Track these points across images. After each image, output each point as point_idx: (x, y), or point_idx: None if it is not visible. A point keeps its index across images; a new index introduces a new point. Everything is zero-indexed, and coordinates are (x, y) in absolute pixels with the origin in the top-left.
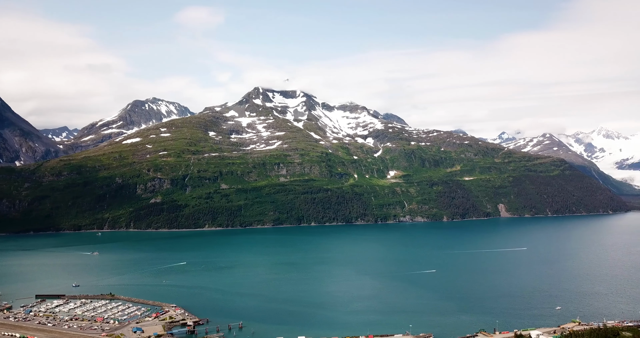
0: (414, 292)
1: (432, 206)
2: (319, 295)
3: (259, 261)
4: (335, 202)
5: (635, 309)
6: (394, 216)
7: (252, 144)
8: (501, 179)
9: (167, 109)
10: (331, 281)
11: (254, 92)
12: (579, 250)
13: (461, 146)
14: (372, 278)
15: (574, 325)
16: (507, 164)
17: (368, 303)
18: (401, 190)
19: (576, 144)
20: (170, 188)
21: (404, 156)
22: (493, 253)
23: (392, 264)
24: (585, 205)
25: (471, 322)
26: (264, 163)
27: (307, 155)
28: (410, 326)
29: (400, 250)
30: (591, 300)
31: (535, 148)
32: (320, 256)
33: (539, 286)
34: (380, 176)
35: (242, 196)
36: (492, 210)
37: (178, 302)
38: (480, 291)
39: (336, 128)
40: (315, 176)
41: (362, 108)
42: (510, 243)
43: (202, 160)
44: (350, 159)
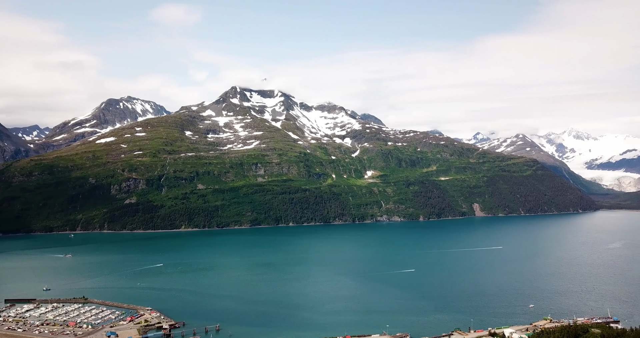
0: (391, 292)
1: (409, 206)
2: (296, 296)
3: (236, 263)
4: (313, 202)
5: (604, 306)
6: (372, 216)
7: (229, 144)
8: (476, 179)
9: (142, 108)
10: (309, 282)
11: (232, 91)
12: (551, 248)
13: (437, 146)
14: (350, 278)
15: (545, 322)
16: (481, 164)
17: (346, 304)
18: (378, 190)
19: (548, 145)
20: (145, 188)
21: (381, 156)
22: (471, 252)
23: (370, 264)
24: (556, 204)
25: (447, 321)
26: (242, 163)
27: (285, 155)
28: (387, 326)
29: (378, 249)
30: (562, 298)
31: (509, 149)
32: (298, 256)
33: (513, 284)
34: (358, 176)
35: (219, 197)
36: (467, 210)
37: (154, 304)
38: (457, 290)
39: (314, 128)
40: (293, 176)
41: (340, 108)
42: (486, 242)
43: (178, 160)
44: (329, 159)
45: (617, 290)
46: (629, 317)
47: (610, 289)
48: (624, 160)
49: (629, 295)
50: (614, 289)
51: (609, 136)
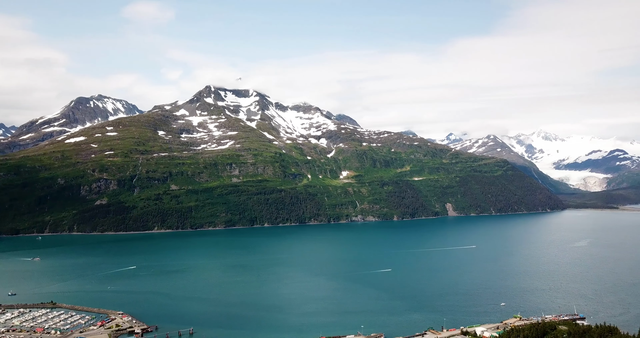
0: (367, 292)
1: (383, 206)
2: (271, 297)
3: (210, 264)
4: (288, 203)
5: (570, 303)
6: (347, 216)
7: (203, 143)
8: (449, 180)
9: (113, 107)
10: (284, 283)
11: (206, 90)
12: (521, 247)
13: (411, 147)
14: (326, 279)
15: (515, 320)
16: (454, 164)
17: (321, 305)
18: (353, 190)
19: (518, 145)
20: (117, 189)
21: (356, 156)
22: (446, 251)
23: (346, 264)
24: (525, 204)
25: (420, 320)
26: (216, 163)
27: (260, 155)
28: (362, 327)
29: (354, 249)
30: (531, 296)
31: (481, 149)
32: (273, 257)
33: (485, 283)
34: (333, 176)
35: (192, 198)
36: (440, 209)
37: (125, 308)
38: (431, 289)
39: (290, 128)
40: (268, 177)
41: (315, 109)
42: (461, 241)
43: (151, 160)
44: (304, 159)
45: (583, 287)
46: (594, 313)
47: (576, 287)
48: (589, 161)
49: (594, 292)
50: (580, 287)
51: (576, 137)
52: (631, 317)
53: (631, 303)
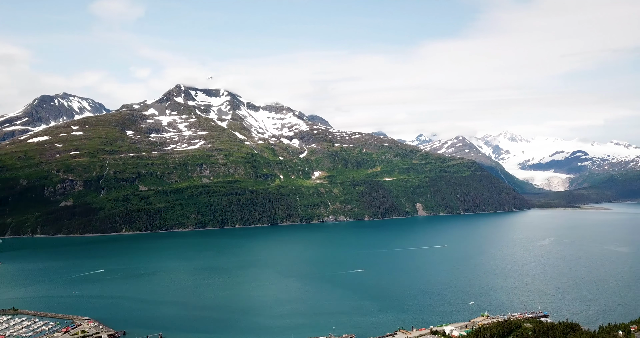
0: (339, 293)
1: (355, 206)
2: (243, 299)
3: (180, 267)
4: (260, 203)
5: (535, 301)
6: (319, 217)
7: (173, 143)
8: (418, 180)
9: (79, 105)
10: (256, 285)
11: (176, 89)
12: (489, 246)
13: (382, 148)
14: (298, 280)
15: (482, 318)
16: (424, 165)
17: (294, 306)
18: (325, 191)
19: (485, 146)
20: (83, 190)
21: (328, 157)
22: (419, 251)
23: (319, 265)
24: (492, 204)
25: (391, 320)
26: (186, 163)
27: (231, 156)
28: (333, 328)
29: (327, 250)
30: (498, 294)
31: (450, 150)
32: (245, 259)
33: (454, 282)
34: (306, 177)
35: (162, 199)
36: (411, 209)
37: (92, 313)
38: (402, 289)
39: (262, 128)
40: (240, 177)
41: (287, 109)
42: (433, 241)
43: (118, 160)
44: (276, 160)
45: (547, 285)
46: (557, 310)
47: (540, 284)
48: (553, 161)
49: (557, 289)
50: (544, 284)
51: (540, 138)
52: (591, 313)
53: (591, 300)
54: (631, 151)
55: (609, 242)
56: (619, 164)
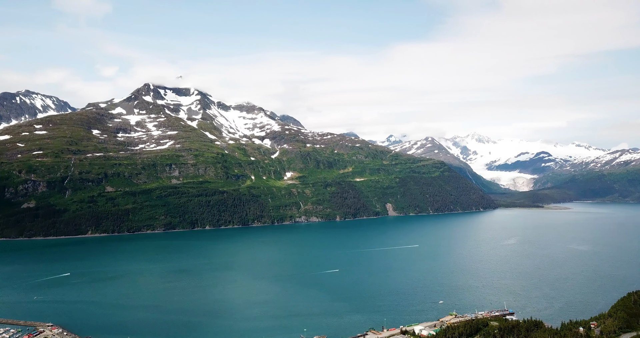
0: (310, 294)
1: (326, 207)
2: (213, 302)
3: (149, 270)
4: (231, 204)
5: (501, 300)
6: (290, 217)
7: (141, 143)
8: (389, 180)
9: (43, 103)
10: (227, 287)
11: (144, 88)
12: (457, 246)
13: (353, 148)
14: (270, 282)
15: (451, 317)
16: (394, 166)
17: (265, 309)
18: (297, 191)
19: (454, 147)
20: (46, 191)
21: (300, 157)
22: (391, 250)
23: (290, 266)
24: (460, 204)
25: (362, 321)
26: (155, 163)
27: (201, 156)
28: (304, 330)
29: (299, 251)
30: (466, 293)
31: (419, 151)
32: (215, 261)
33: (423, 282)
34: (277, 177)
35: (129, 200)
36: (381, 209)
37: (56, 319)
38: (373, 289)
39: (232, 128)
40: (210, 178)
41: (259, 109)
42: (405, 241)
43: (84, 161)
44: (248, 160)
45: (512, 283)
46: (522, 308)
47: (506, 283)
48: (518, 162)
49: (522, 288)
50: (510, 283)
51: (506, 139)
52: (554, 310)
53: (554, 298)
54: (591, 152)
55: (571, 241)
56: (580, 165)
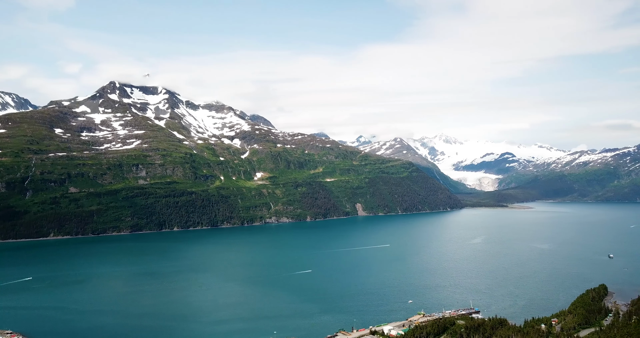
0: (281, 296)
1: (297, 207)
2: (182, 306)
3: (114, 273)
4: (200, 205)
5: (467, 298)
6: (261, 218)
7: (106, 143)
8: (358, 181)
9: (1, 100)
10: (195, 290)
11: (110, 86)
12: (426, 245)
13: (323, 149)
14: (239, 284)
15: (419, 316)
16: (364, 166)
17: (234, 311)
18: (267, 192)
19: (422, 148)
20: (5, 192)
21: (271, 157)
22: (364, 250)
23: (261, 267)
24: (428, 203)
25: (332, 322)
26: (121, 163)
27: (169, 156)
28: (274, 332)
29: (270, 252)
30: (433, 292)
31: (388, 151)
32: (184, 263)
33: (392, 281)
34: (247, 177)
35: (94, 201)
36: (351, 209)
37: (15, 326)
38: (343, 290)
39: (201, 127)
40: (178, 178)
41: (228, 108)
42: (376, 240)
43: (46, 161)
44: (217, 160)
45: (478, 282)
46: (487, 306)
47: (472, 282)
48: (484, 163)
49: (487, 286)
50: (476, 282)
51: (472, 140)
52: (518, 308)
53: (518, 296)
54: (553, 153)
55: (533, 240)
56: (542, 165)
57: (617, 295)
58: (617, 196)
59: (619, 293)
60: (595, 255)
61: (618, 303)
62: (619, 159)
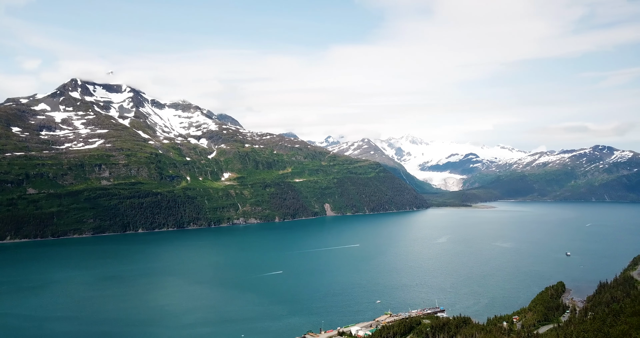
0: (249, 298)
1: (265, 208)
2: (146, 310)
3: (76, 277)
4: (166, 206)
5: (433, 297)
6: (228, 219)
7: (67, 142)
8: (327, 181)
9: None
10: (161, 294)
11: (71, 84)
12: (393, 245)
13: (292, 149)
14: (206, 286)
15: (386, 316)
16: (332, 167)
17: (201, 315)
18: (235, 192)
19: (389, 148)
20: None
21: (239, 158)
22: (334, 250)
23: (228, 269)
24: (395, 203)
25: (300, 323)
26: (83, 164)
27: (134, 156)
28: (242, 336)
29: (237, 253)
30: (400, 292)
31: (356, 152)
32: (149, 266)
33: (360, 281)
34: (215, 178)
35: (54, 202)
36: (319, 209)
37: None
38: (312, 291)
39: (167, 127)
40: (143, 179)
41: (195, 108)
42: (346, 240)
43: (2, 161)
44: (183, 160)
45: (443, 281)
46: (452, 305)
47: (437, 281)
48: (449, 163)
49: (452, 285)
50: (441, 281)
51: (438, 141)
52: (481, 306)
53: (481, 294)
54: (514, 154)
55: (495, 239)
56: (504, 166)
57: (574, 292)
58: (574, 196)
59: (575, 290)
60: (553, 253)
61: (575, 299)
62: (575, 160)
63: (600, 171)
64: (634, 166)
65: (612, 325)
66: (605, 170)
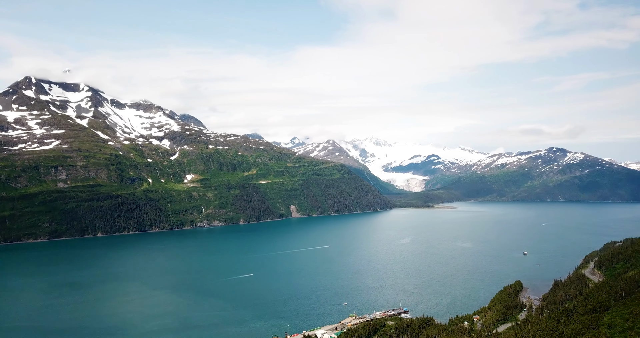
0: (213, 303)
1: (230, 210)
2: (107, 318)
3: (29, 284)
4: (126, 209)
5: (396, 299)
6: (191, 222)
7: (21, 143)
8: (293, 182)
9: None
10: (121, 300)
11: (25, 82)
12: (357, 246)
13: (257, 150)
14: (169, 292)
15: (351, 319)
16: (297, 168)
17: (162, 322)
18: (199, 195)
19: (353, 150)
20: None
21: (202, 159)
22: (304, 252)
23: (192, 274)
24: (360, 204)
25: (265, 328)
26: (38, 165)
27: (92, 157)
28: None
29: (200, 257)
30: (364, 294)
31: (321, 153)
32: (108, 272)
33: (325, 284)
34: (177, 180)
35: (7, 206)
36: (285, 211)
37: None
38: (277, 294)
39: (128, 127)
40: (102, 181)
41: (157, 108)
42: (315, 242)
43: None
44: (144, 162)
45: (406, 282)
46: (415, 306)
47: (401, 282)
48: (411, 164)
49: (415, 286)
50: (404, 282)
51: (401, 143)
52: (443, 307)
53: (443, 294)
54: (474, 155)
55: (456, 239)
56: (464, 167)
57: (531, 290)
58: (530, 196)
59: (532, 288)
60: (511, 252)
61: (531, 298)
62: (532, 162)
63: (554, 172)
64: (585, 167)
65: (566, 324)
66: (559, 171)
